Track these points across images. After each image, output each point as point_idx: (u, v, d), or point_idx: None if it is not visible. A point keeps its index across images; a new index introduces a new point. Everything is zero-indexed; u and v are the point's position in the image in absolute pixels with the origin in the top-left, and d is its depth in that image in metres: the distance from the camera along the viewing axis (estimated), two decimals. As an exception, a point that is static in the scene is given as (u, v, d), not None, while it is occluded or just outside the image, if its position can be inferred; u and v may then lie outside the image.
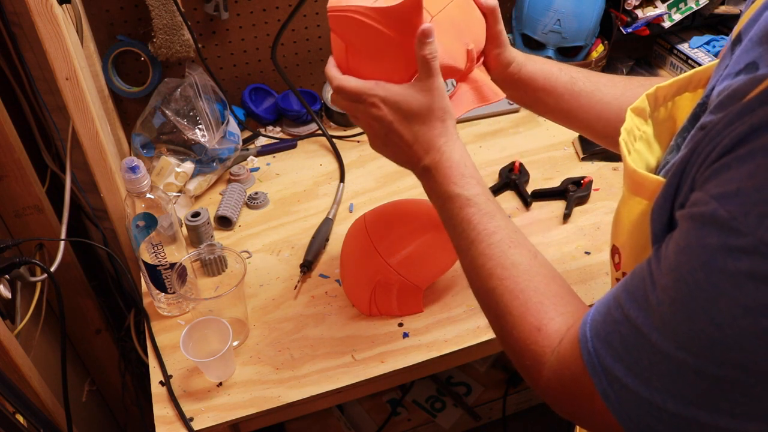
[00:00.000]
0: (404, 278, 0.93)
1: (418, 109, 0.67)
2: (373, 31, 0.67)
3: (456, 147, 0.67)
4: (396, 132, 0.68)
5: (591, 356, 0.46)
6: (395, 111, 0.67)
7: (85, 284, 1.26)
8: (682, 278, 0.40)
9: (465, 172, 0.65)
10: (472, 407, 1.53)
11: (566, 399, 0.52)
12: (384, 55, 0.69)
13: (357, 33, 0.68)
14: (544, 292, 0.57)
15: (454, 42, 0.71)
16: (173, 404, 0.87)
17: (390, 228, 0.97)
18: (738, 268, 0.37)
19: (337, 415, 1.51)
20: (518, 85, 0.80)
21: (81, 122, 0.94)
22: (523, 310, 0.56)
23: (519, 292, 0.57)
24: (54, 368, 1.15)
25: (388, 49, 0.68)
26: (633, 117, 0.59)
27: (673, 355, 0.40)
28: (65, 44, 0.87)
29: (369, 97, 0.67)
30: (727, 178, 0.39)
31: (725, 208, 0.38)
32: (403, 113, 0.67)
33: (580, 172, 1.20)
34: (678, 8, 1.38)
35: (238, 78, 1.35)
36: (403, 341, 0.94)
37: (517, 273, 0.58)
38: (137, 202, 0.87)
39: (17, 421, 0.87)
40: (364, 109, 0.69)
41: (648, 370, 0.42)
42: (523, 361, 0.56)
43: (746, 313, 0.37)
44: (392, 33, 0.66)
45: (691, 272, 0.39)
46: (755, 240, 0.36)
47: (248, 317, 0.97)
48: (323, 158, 1.30)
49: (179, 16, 1.12)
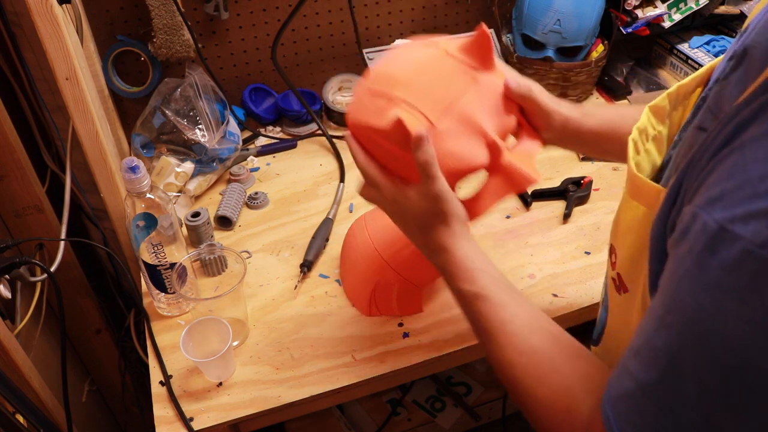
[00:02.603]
0: (404, 278, 0.93)
1: (421, 214, 0.69)
2: (381, 145, 0.70)
3: (461, 245, 0.67)
4: (410, 231, 0.72)
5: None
6: (404, 210, 0.70)
7: (85, 284, 1.26)
8: (686, 307, 0.38)
9: (471, 266, 0.66)
10: (472, 407, 1.53)
11: None
12: (395, 164, 0.71)
13: (370, 144, 0.72)
14: (570, 374, 0.55)
15: (468, 141, 0.69)
16: (173, 404, 0.87)
17: (390, 228, 0.97)
18: (741, 285, 0.35)
19: (337, 415, 1.51)
20: (581, 142, 0.77)
21: (81, 122, 0.94)
22: (550, 395, 0.55)
23: (543, 378, 0.56)
24: (54, 368, 1.15)
25: (397, 160, 0.70)
26: (650, 116, 0.58)
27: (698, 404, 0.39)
28: (65, 44, 0.87)
29: (386, 191, 0.71)
30: (710, 183, 0.38)
31: (713, 218, 0.36)
32: (412, 215, 0.70)
33: (580, 172, 1.20)
34: (678, 8, 1.38)
35: (238, 78, 1.35)
36: (403, 341, 0.94)
37: (539, 359, 0.57)
38: (137, 202, 0.87)
39: (17, 421, 0.87)
40: (384, 202, 0.72)
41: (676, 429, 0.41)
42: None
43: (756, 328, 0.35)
44: (396, 149, 0.68)
45: (695, 301, 0.38)
46: (748, 245, 0.35)
47: (248, 317, 0.97)
48: (323, 158, 1.30)
49: (179, 16, 1.12)
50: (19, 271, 1.00)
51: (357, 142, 0.72)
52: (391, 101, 0.68)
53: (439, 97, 0.69)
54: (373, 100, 0.70)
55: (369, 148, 0.72)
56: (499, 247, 1.08)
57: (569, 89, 1.36)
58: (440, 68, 0.71)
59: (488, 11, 1.45)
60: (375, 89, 0.71)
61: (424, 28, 1.44)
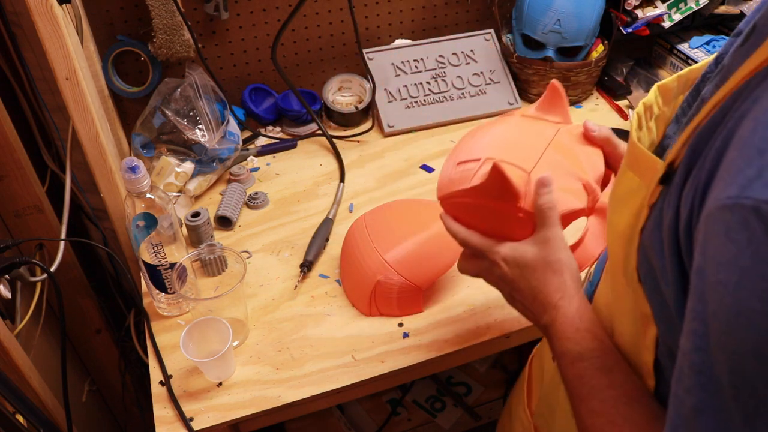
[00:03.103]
0: (404, 278, 0.93)
1: (534, 264, 0.65)
2: (478, 206, 0.68)
3: (573, 301, 0.63)
4: (518, 290, 0.67)
5: None
6: (513, 267, 0.67)
7: (85, 284, 1.26)
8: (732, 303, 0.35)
9: (580, 326, 0.61)
10: (472, 407, 1.53)
11: None
12: (496, 223, 0.69)
13: (466, 213, 0.70)
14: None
15: (566, 183, 0.68)
16: (173, 404, 0.87)
17: (390, 228, 0.97)
18: None
19: (337, 415, 1.51)
20: None
21: (81, 122, 0.94)
22: None
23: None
24: (54, 368, 1.15)
25: (499, 218, 0.68)
26: (657, 95, 0.58)
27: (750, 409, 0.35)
28: (65, 44, 0.87)
29: (491, 254, 0.68)
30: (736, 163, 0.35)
31: (752, 197, 0.33)
32: (521, 269, 0.66)
33: (580, 172, 1.20)
34: (678, 8, 1.38)
35: (238, 78, 1.35)
36: (403, 341, 0.94)
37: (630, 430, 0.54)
38: (137, 202, 0.87)
39: (17, 421, 0.87)
40: (489, 268, 0.69)
41: None
42: None
43: None
44: (494, 203, 0.66)
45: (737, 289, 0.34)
46: None
47: (248, 317, 0.97)
48: (323, 158, 1.30)
49: (179, 16, 1.12)
50: (19, 271, 1.00)
51: (451, 216, 0.71)
52: (480, 163, 0.68)
53: (529, 150, 0.68)
54: (462, 169, 0.69)
55: (467, 221, 0.70)
56: (499, 247, 1.07)
57: (569, 89, 1.36)
58: (522, 128, 0.72)
59: (488, 11, 1.45)
60: (462, 159, 0.70)
61: (424, 28, 1.44)
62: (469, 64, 1.39)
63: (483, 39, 1.41)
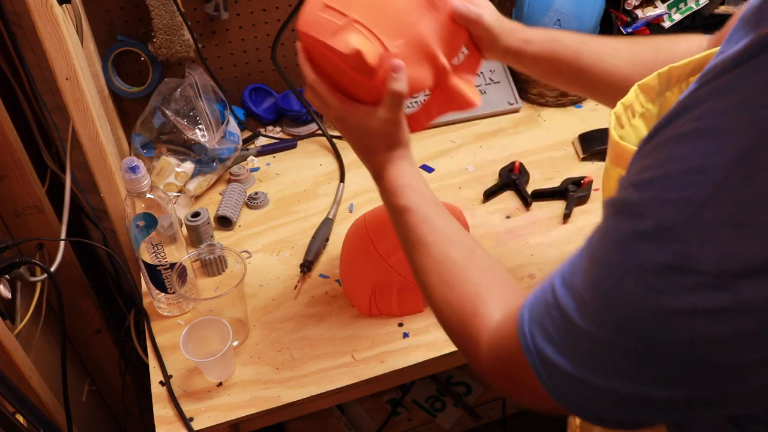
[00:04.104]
0: (404, 278, 0.93)
1: (370, 137, 0.73)
2: (332, 59, 0.70)
3: (399, 164, 0.73)
4: (353, 145, 0.76)
5: (526, 337, 0.49)
6: (351, 133, 0.75)
7: (85, 284, 1.26)
8: (599, 260, 0.43)
9: (403, 182, 0.71)
10: (472, 407, 1.53)
11: (503, 376, 0.56)
12: (346, 81, 0.72)
13: (320, 56, 0.72)
14: (478, 282, 0.62)
15: (417, 64, 0.71)
16: (173, 404, 0.87)
17: (390, 228, 0.96)
18: (644, 250, 0.39)
19: (337, 415, 1.51)
20: (522, 65, 0.80)
21: (81, 122, 0.94)
22: (459, 299, 0.61)
23: (455, 284, 0.63)
24: (54, 368, 1.15)
25: (350, 80, 0.71)
26: (638, 93, 0.59)
27: (593, 335, 0.44)
28: (65, 44, 0.87)
29: (332, 110, 0.74)
30: (644, 165, 0.41)
31: (637, 195, 0.40)
32: (358, 137, 0.74)
33: (580, 172, 1.20)
34: (678, 8, 1.38)
35: (238, 78, 1.34)
36: (403, 341, 0.94)
37: (452, 267, 0.64)
38: (137, 202, 0.87)
39: (17, 421, 0.87)
40: (328, 115, 0.75)
41: (572, 348, 0.45)
42: (462, 344, 0.62)
43: (648, 292, 0.39)
44: (347, 68, 0.69)
45: (606, 254, 0.43)
46: (656, 224, 0.38)
47: (248, 317, 0.97)
48: (323, 158, 1.30)
49: (179, 16, 1.12)
50: (19, 271, 1.00)
51: (306, 52, 0.73)
52: (346, 21, 0.68)
53: (394, 20, 0.69)
54: (328, 15, 0.70)
55: (319, 59, 0.72)
56: (499, 247, 1.08)
57: (569, 89, 1.36)
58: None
59: (488, 11, 1.45)
60: (332, 5, 0.70)
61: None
62: (469, 64, 1.39)
63: (483, 39, 1.41)
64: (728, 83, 0.38)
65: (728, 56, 0.39)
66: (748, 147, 0.35)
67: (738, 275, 0.36)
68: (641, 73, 0.73)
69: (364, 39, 0.67)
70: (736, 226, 0.35)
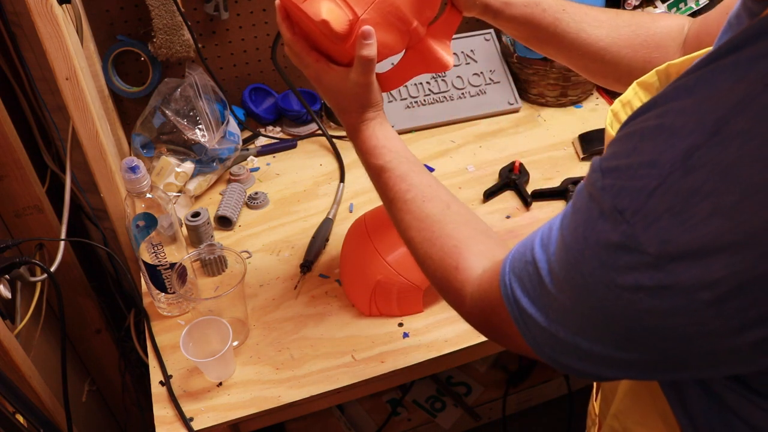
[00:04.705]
0: (404, 278, 0.93)
1: (344, 98, 0.75)
2: (308, 22, 0.71)
3: (372, 125, 0.75)
4: (329, 103, 0.78)
5: (506, 287, 0.53)
6: (326, 92, 0.76)
7: (85, 284, 1.26)
8: (569, 232, 0.47)
9: (378, 143, 0.74)
10: (472, 407, 1.53)
11: (486, 324, 0.60)
12: (321, 42, 0.73)
13: (298, 18, 0.73)
14: (457, 236, 0.65)
15: (389, 31, 0.72)
16: (173, 404, 0.87)
17: (390, 228, 0.96)
18: (602, 229, 0.43)
19: (337, 415, 1.51)
20: (500, 24, 0.81)
21: (81, 122, 0.94)
22: (441, 254, 0.64)
23: (436, 239, 0.66)
24: (54, 368, 1.15)
25: (324, 42, 0.72)
26: (638, 90, 0.60)
27: (559, 296, 0.48)
28: (65, 44, 0.87)
29: (309, 69, 0.75)
30: (614, 152, 0.44)
31: (603, 181, 0.43)
32: (333, 96, 0.76)
33: (580, 172, 1.20)
34: (678, 8, 1.38)
35: (238, 78, 1.35)
36: (403, 341, 0.94)
37: (431, 223, 0.67)
38: (137, 202, 0.87)
39: (17, 421, 0.87)
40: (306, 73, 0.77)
41: (545, 304, 0.49)
42: (448, 296, 0.65)
43: (602, 267, 0.43)
44: (322, 36, 0.71)
45: (575, 229, 0.46)
46: (612, 207, 0.42)
47: (248, 317, 0.97)
48: (323, 158, 1.30)
49: (179, 16, 1.12)
50: (19, 271, 1.00)
51: (284, 11, 0.74)
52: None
53: None
54: None
55: (297, 18, 0.73)
56: (499, 247, 1.07)
57: (569, 89, 1.36)
58: None
59: (488, 11, 1.45)
60: None
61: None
62: (469, 64, 1.39)
63: (483, 39, 1.41)
64: (690, 84, 0.41)
65: (701, 58, 0.42)
66: (693, 146, 0.38)
67: (674, 258, 0.39)
68: (618, 46, 0.76)
69: (333, 6, 0.68)
70: (675, 214, 0.39)
